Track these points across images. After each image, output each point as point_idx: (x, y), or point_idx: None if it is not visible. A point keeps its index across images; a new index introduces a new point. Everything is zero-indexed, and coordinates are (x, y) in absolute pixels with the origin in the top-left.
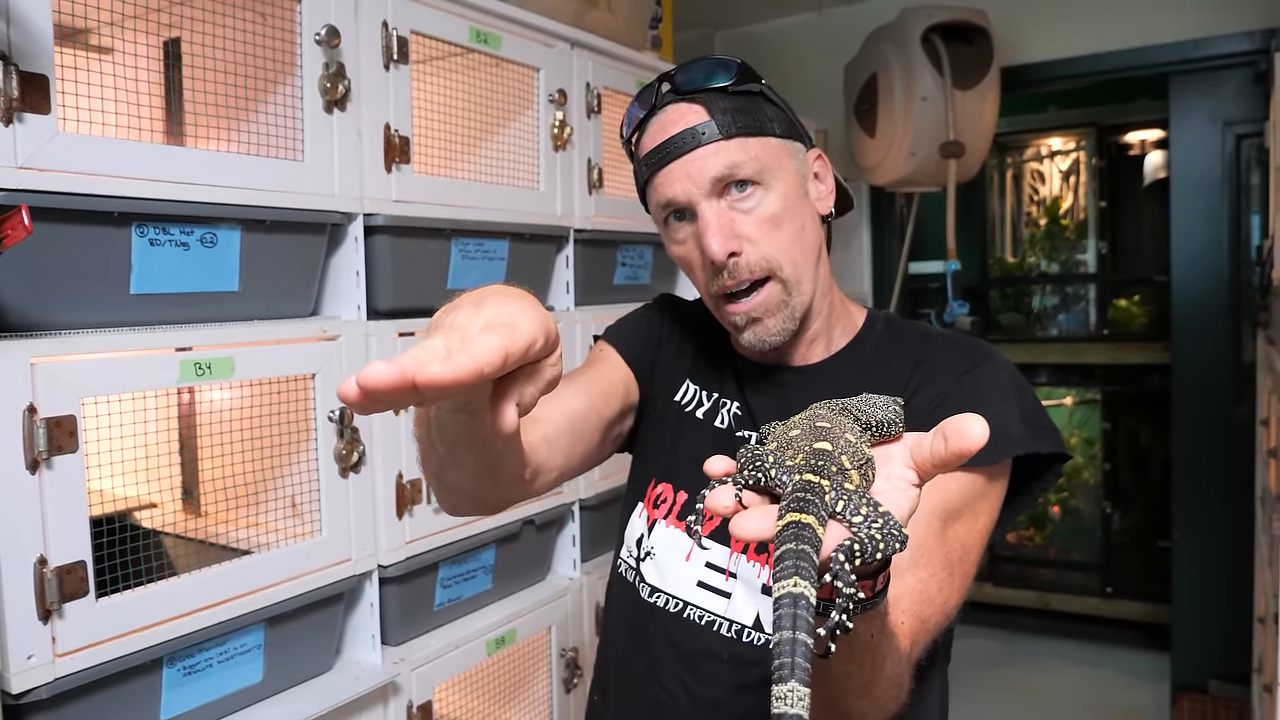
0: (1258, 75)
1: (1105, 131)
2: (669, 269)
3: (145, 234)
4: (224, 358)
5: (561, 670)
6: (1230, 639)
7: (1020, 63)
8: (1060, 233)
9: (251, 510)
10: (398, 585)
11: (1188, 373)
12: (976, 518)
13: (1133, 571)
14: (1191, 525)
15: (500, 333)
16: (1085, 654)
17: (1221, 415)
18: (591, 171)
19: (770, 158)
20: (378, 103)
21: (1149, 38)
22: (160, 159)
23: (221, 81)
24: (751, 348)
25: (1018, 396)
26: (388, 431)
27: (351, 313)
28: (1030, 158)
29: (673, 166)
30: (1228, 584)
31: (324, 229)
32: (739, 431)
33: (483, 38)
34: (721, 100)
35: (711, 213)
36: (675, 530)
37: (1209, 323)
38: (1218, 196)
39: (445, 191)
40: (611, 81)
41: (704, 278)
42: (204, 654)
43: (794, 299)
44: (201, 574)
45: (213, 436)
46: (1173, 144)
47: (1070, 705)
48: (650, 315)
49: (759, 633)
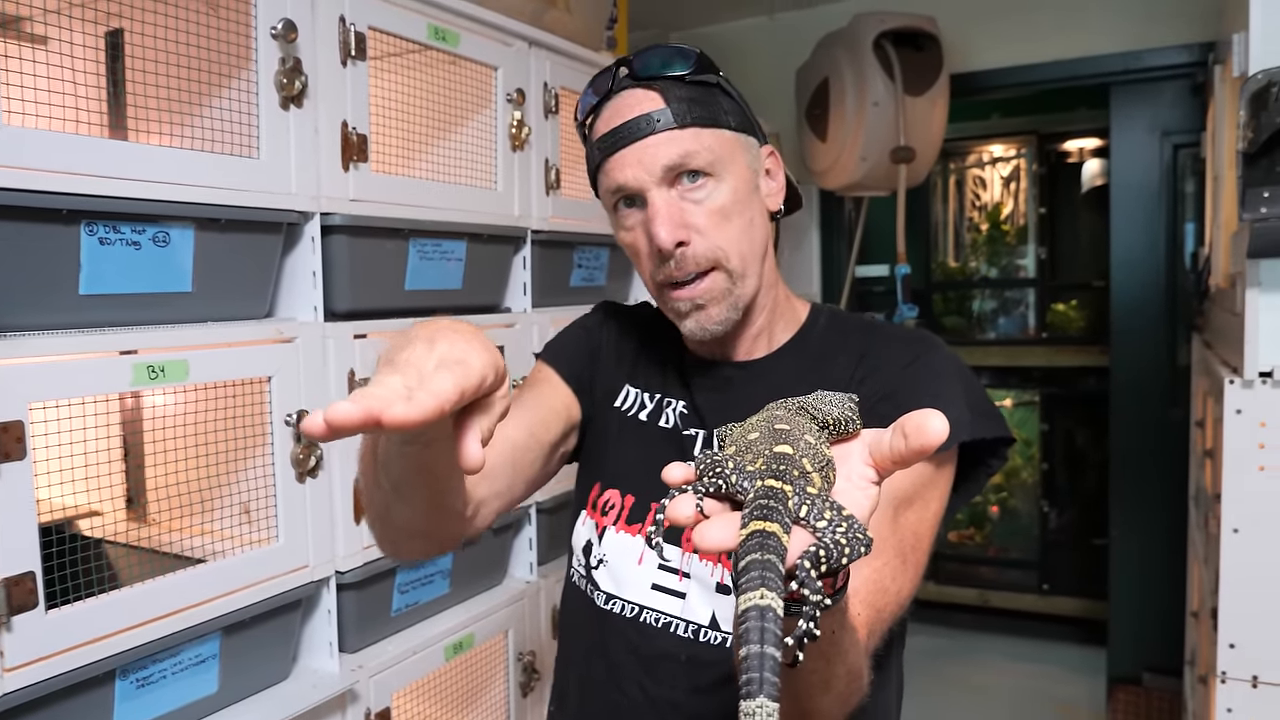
0: (1195, 87)
1: (1045, 139)
2: (625, 271)
3: (95, 232)
4: (178, 360)
5: (519, 674)
6: (1163, 633)
7: (968, 70)
8: (1001, 238)
9: (203, 517)
10: (355, 591)
11: (1126, 376)
12: (927, 505)
13: (1068, 569)
14: (1128, 523)
15: (454, 370)
16: (1023, 649)
17: (1157, 417)
18: (549, 172)
19: (723, 150)
20: (335, 100)
21: (1092, 48)
22: (110, 154)
23: (170, 75)
24: (692, 335)
25: (962, 384)
26: None
27: (308, 314)
28: (972, 164)
29: (625, 152)
30: (1162, 580)
31: (280, 228)
32: (685, 430)
33: (441, 35)
34: (678, 89)
35: (661, 201)
36: (626, 535)
37: (1146, 327)
38: (1156, 204)
39: (403, 191)
40: (569, 81)
41: (650, 266)
42: (158, 665)
43: (738, 290)
44: (155, 583)
45: (161, 442)
46: (1113, 152)
47: (1010, 699)
48: (587, 326)
49: (716, 632)
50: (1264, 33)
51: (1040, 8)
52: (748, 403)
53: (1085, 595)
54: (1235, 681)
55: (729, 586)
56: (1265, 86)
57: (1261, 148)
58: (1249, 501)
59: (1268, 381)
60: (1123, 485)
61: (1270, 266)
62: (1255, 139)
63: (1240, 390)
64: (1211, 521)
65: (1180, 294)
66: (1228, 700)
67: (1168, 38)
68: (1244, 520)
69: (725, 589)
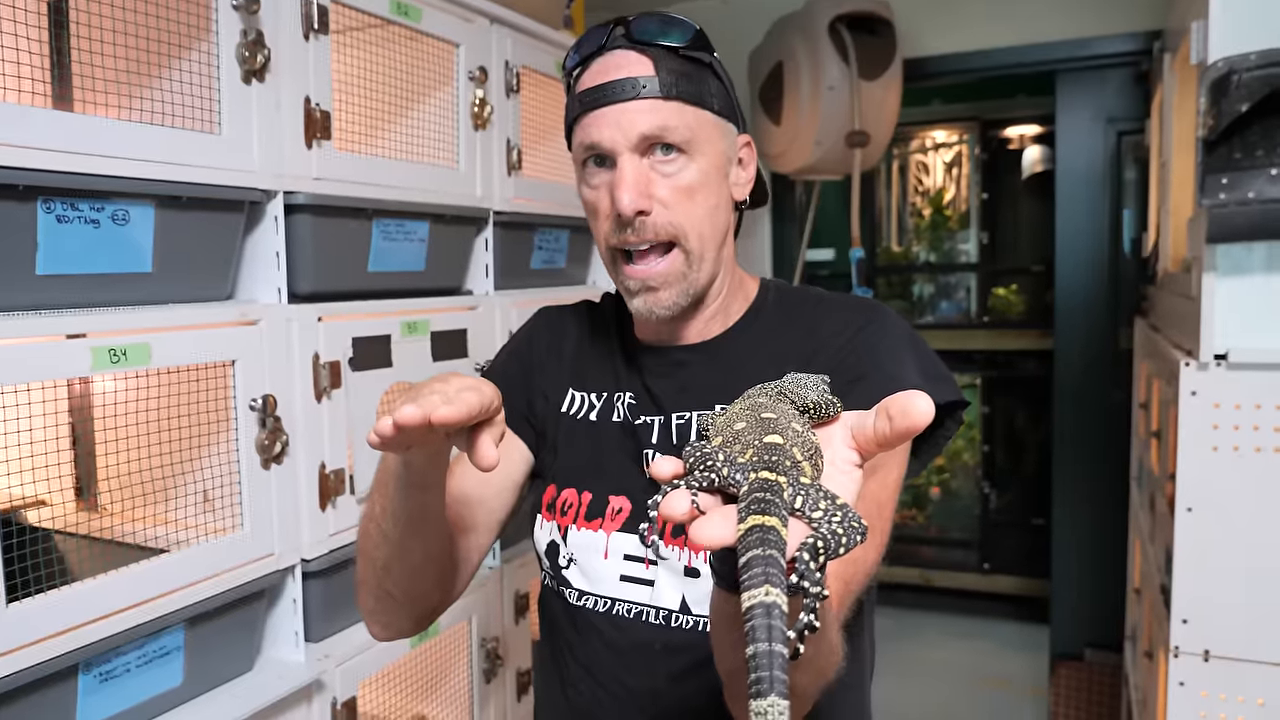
0: (1139, 75)
1: (987, 126)
2: (584, 254)
3: (52, 210)
4: (139, 344)
5: (482, 661)
6: (1104, 610)
7: (919, 55)
8: (944, 223)
9: (163, 506)
10: (320, 579)
11: (1068, 359)
12: (889, 473)
13: (1009, 548)
14: (1069, 503)
15: (472, 393)
16: (965, 627)
17: (1098, 399)
18: (511, 152)
19: (702, 130)
20: (298, 75)
21: (1039, 36)
22: (66, 128)
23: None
24: (638, 315)
25: (913, 350)
26: (310, 420)
27: (270, 296)
28: (915, 150)
29: (605, 111)
30: (1102, 558)
31: (242, 207)
32: (637, 420)
33: (403, 10)
34: (670, 60)
35: (631, 166)
36: (588, 532)
37: (1089, 311)
38: (1100, 190)
39: (367, 170)
40: (530, 60)
41: (606, 227)
42: (121, 658)
43: (693, 274)
44: (118, 575)
45: (113, 430)
46: (1058, 139)
47: (953, 676)
48: (519, 348)
49: (687, 616)
50: (1223, 21)
51: None
52: (704, 383)
53: (1025, 574)
54: (1187, 656)
55: (698, 570)
56: (1226, 74)
57: (1221, 135)
58: (1203, 481)
59: (1223, 364)
60: (1065, 466)
61: (1227, 251)
62: (1216, 126)
63: (1196, 372)
64: (1161, 500)
65: (1122, 279)
66: (1180, 674)
67: (1113, 26)
68: (1197, 500)
69: (694, 572)
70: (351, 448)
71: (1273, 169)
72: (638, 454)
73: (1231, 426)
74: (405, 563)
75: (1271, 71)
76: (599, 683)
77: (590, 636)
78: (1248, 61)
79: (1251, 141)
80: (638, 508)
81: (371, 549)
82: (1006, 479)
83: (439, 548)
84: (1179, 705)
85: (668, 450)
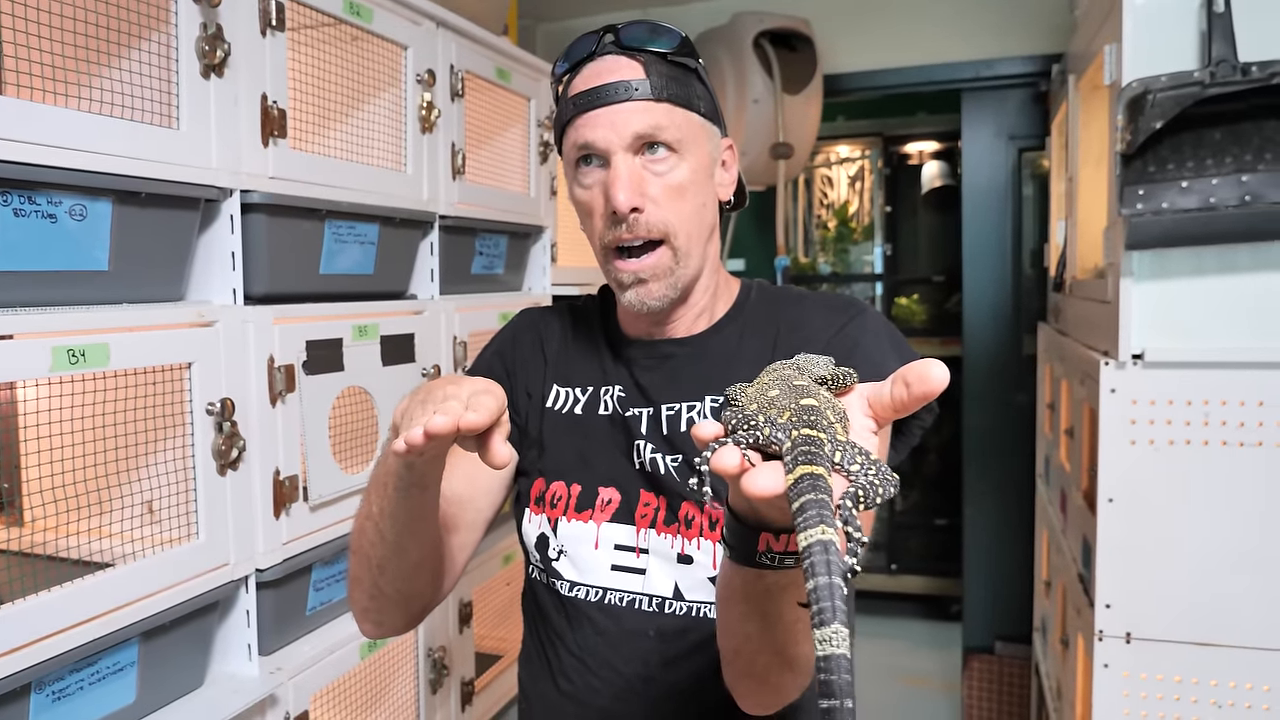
0: (1037, 95)
1: (889, 141)
2: (520, 261)
3: (9, 202)
4: (99, 344)
5: (429, 671)
6: (1011, 604)
7: (835, 72)
8: (849, 235)
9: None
10: (273, 590)
11: (976, 364)
12: None
13: (915, 549)
14: (978, 502)
15: (486, 398)
16: (876, 627)
17: (1005, 402)
18: (456, 156)
19: (690, 131)
20: (255, 71)
21: (946, 56)
22: (15, 115)
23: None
24: (630, 307)
25: (893, 343)
26: (265, 424)
27: (225, 297)
28: (820, 164)
29: (599, 112)
30: (1010, 554)
31: (197, 205)
32: (626, 412)
33: (355, 9)
34: (659, 64)
35: (624, 165)
36: (578, 523)
37: (994, 319)
38: (1002, 204)
39: (320, 170)
40: (474, 66)
41: (601, 226)
42: (75, 675)
43: (680, 269)
44: (73, 587)
45: (44, 439)
46: (964, 154)
47: (870, 675)
48: (503, 347)
49: (680, 602)
50: (1135, 45)
51: (902, 16)
52: (693, 375)
53: (931, 573)
54: (1111, 639)
55: (691, 557)
56: (1141, 94)
57: (1137, 150)
58: (1122, 473)
59: (1139, 363)
60: (973, 467)
61: (1142, 258)
62: (1133, 141)
63: (1114, 371)
64: (1075, 494)
65: (1024, 288)
66: (1104, 657)
67: (1014, 49)
68: (1117, 491)
69: (687, 559)
70: (304, 453)
71: (1183, 181)
72: (627, 446)
73: (1148, 421)
74: (401, 562)
75: (1182, 91)
76: (591, 670)
77: (582, 626)
78: (1159, 83)
79: (1164, 156)
80: (627, 498)
81: (368, 548)
82: (911, 481)
83: (432, 547)
84: (1104, 687)
85: (657, 441)
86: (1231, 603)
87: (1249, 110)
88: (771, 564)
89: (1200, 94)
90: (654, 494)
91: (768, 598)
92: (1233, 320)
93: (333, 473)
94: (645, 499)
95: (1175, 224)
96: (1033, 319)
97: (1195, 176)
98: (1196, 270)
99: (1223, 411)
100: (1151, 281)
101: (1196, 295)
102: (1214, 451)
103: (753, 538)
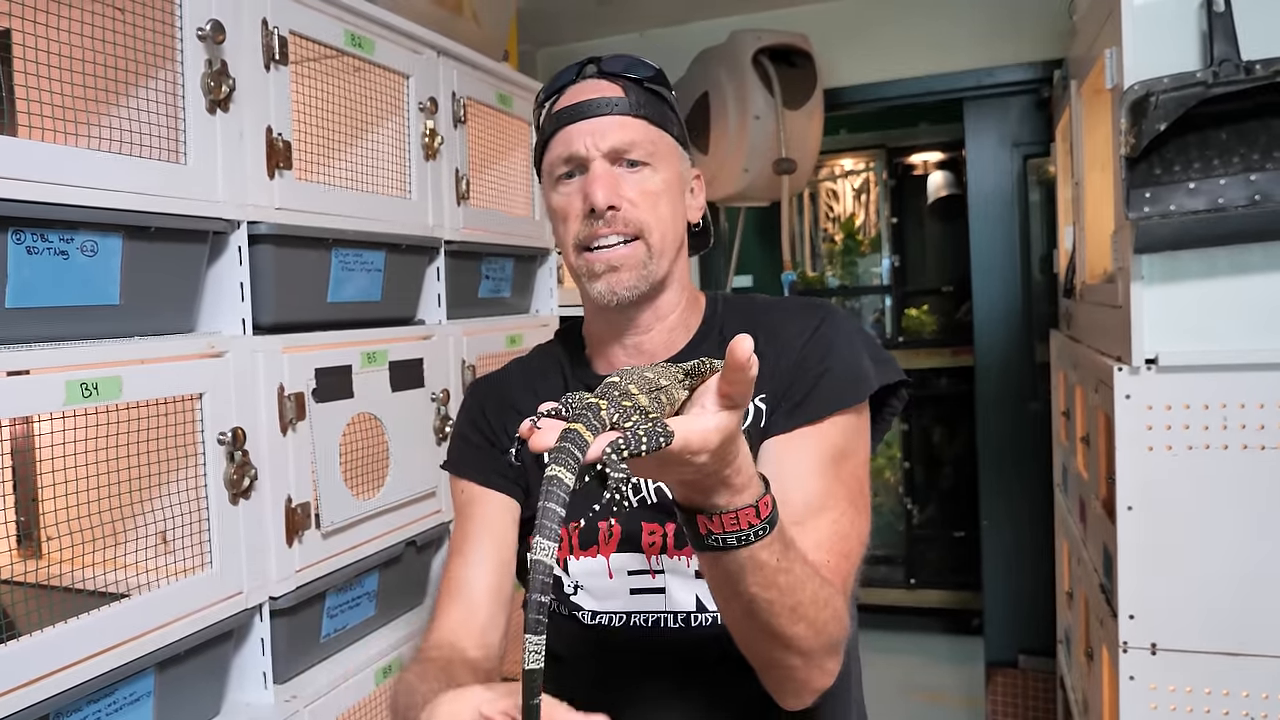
0: (1040, 101)
1: (893, 153)
2: (527, 283)
3: (22, 240)
4: (111, 377)
5: None
6: (1034, 616)
7: (835, 86)
8: (856, 247)
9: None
10: (287, 617)
11: (989, 374)
12: (858, 452)
13: (933, 562)
14: (996, 513)
15: None
16: (894, 643)
17: (1018, 411)
18: (460, 182)
19: (663, 148)
20: (259, 105)
21: (947, 66)
22: (32, 157)
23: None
24: (600, 298)
25: (862, 341)
26: (276, 453)
27: (234, 328)
28: (825, 177)
29: (581, 124)
30: (1031, 565)
31: (205, 238)
32: None
33: (357, 41)
34: (637, 89)
35: (603, 169)
36: (587, 559)
37: (1006, 327)
38: (1009, 211)
39: (325, 199)
40: (475, 92)
41: (576, 226)
42: (92, 706)
43: (651, 265)
44: (89, 618)
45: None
46: (969, 163)
47: (888, 691)
48: (472, 419)
49: (704, 614)
50: (1135, 48)
51: (900, 28)
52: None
53: (950, 587)
54: (1136, 650)
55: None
56: (1144, 96)
57: (1142, 152)
58: (1140, 480)
59: (1153, 368)
60: (989, 477)
61: (1152, 261)
62: (1137, 144)
63: (1128, 377)
64: (1094, 503)
65: (1034, 294)
66: (1130, 669)
67: (1015, 57)
68: (1136, 498)
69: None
70: (315, 480)
71: (1190, 183)
72: None
73: (1164, 427)
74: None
75: (1185, 92)
76: (616, 688)
77: (607, 647)
78: (1162, 84)
79: (1169, 158)
80: (627, 529)
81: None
82: (927, 494)
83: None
84: (1131, 700)
85: None
86: (1259, 610)
87: (1254, 109)
88: (718, 545)
89: (1204, 94)
90: (658, 523)
91: (731, 579)
92: (1247, 321)
93: (344, 499)
94: (649, 528)
95: (1184, 226)
96: (1044, 326)
97: (1202, 177)
98: (1208, 272)
99: (1241, 414)
100: (1162, 285)
101: (1209, 297)
102: (1234, 455)
103: (692, 521)
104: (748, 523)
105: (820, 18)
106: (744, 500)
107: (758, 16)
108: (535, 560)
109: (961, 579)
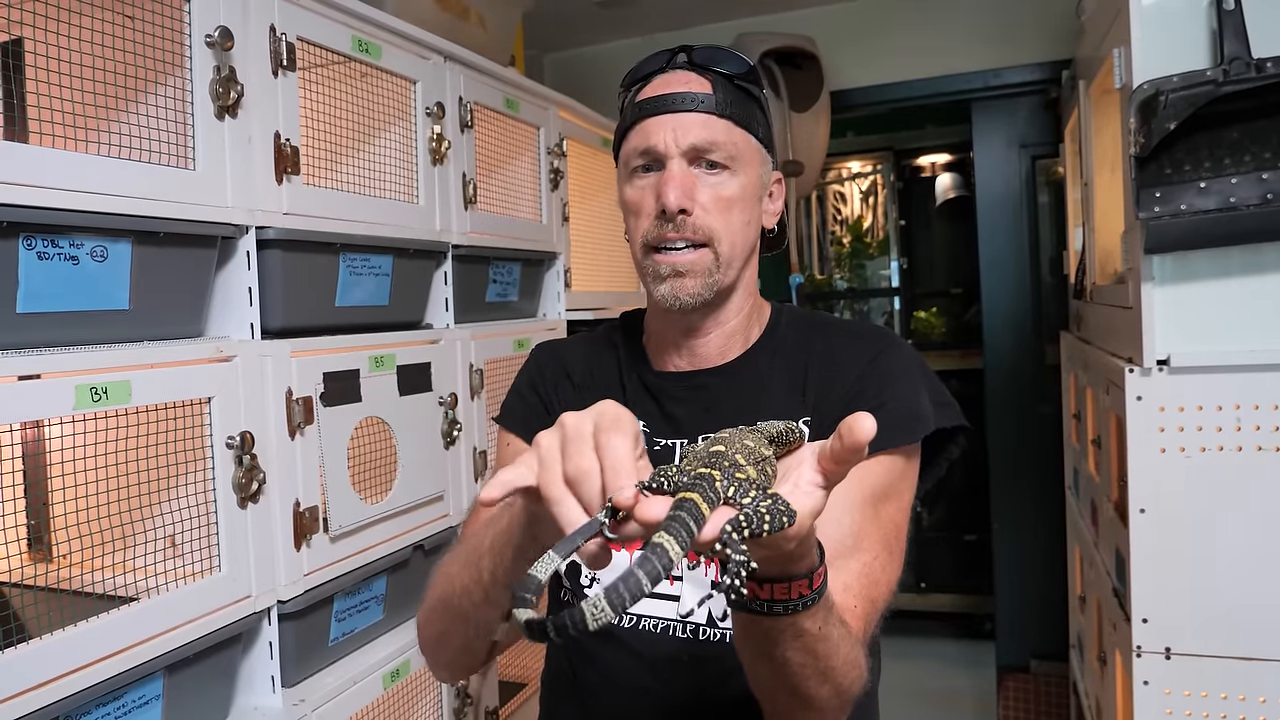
0: (1047, 102)
1: (900, 155)
2: (534, 288)
3: (33, 246)
4: (120, 381)
5: (453, 700)
6: (1046, 620)
7: (842, 88)
8: (864, 250)
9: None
10: (294, 621)
11: (998, 376)
12: (901, 495)
13: (943, 566)
14: (1007, 516)
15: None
16: (905, 647)
17: (1027, 413)
18: (467, 186)
19: (746, 151)
20: (267, 110)
21: (954, 67)
22: (43, 164)
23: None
24: (663, 302)
25: (923, 377)
26: (284, 457)
27: (243, 332)
28: (833, 180)
29: (664, 118)
30: (1042, 569)
31: (214, 243)
32: (655, 445)
33: (364, 47)
34: (726, 85)
35: (680, 169)
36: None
37: (1016, 329)
38: (1017, 212)
39: (333, 204)
40: (481, 97)
41: (646, 224)
42: (102, 709)
43: (718, 274)
44: (99, 621)
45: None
46: (976, 165)
47: (899, 695)
48: (531, 381)
49: (714, 629)
50: (1144, 47)
51: (906, 30)
52: (728, 404)
53: (961, 590)
54: (1150, 655)
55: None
56: (1153, 95)
57: (1152, 152)
58: (1153, 483)
59: (1165, 369)
60: (1000, 480)
61: (1163, 261)
62: (1147, 144)
63: (1140, 378)
64: (1105, 505)
65: (1043, 296)
66: (1144, 673)
67: (1022, 58)
68: (1149, 501)
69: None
70: (324, 484)
71: (1200, 182)
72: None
73: (1177, 428)
74: (489, 608)
75: (1195, 91)
76: (623, 691)
77: (615, 648)
78: (1171, 83)
79: (1179, 158)
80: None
81: (472, 610)
82: (937, 497)
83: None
84: (1145, 705)
85: None
86: (1275, 613)
87: (1266, 107)
88: (763, 611)
89: (1214, 93)
90: None
91: (768, 640)
92: (1260, 321)
93: (353, 503)
94: None
95: (1195, 226)
96: (1054, 327)
97: (1214, 176)
98: (1220, 272)
99: (1255, 415)
100: (1173, 285)
101: (1221, 297)
102: (1248, 457)
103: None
104: (798, 593)
105: (826, 20)
106: (799, 570)
107: (763, 19)
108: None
109: (972, 582)
